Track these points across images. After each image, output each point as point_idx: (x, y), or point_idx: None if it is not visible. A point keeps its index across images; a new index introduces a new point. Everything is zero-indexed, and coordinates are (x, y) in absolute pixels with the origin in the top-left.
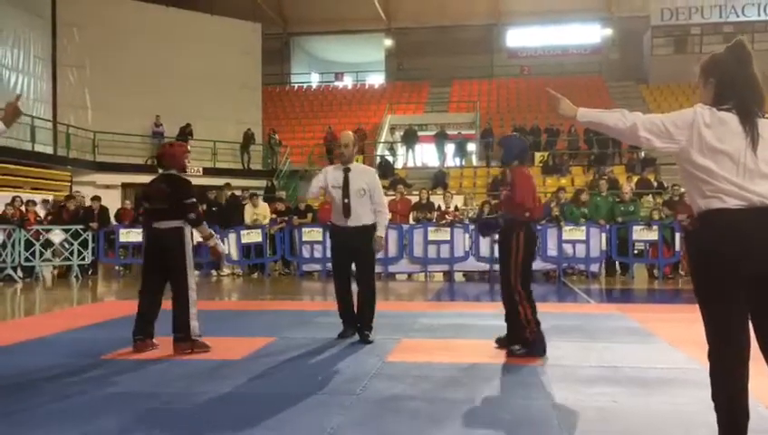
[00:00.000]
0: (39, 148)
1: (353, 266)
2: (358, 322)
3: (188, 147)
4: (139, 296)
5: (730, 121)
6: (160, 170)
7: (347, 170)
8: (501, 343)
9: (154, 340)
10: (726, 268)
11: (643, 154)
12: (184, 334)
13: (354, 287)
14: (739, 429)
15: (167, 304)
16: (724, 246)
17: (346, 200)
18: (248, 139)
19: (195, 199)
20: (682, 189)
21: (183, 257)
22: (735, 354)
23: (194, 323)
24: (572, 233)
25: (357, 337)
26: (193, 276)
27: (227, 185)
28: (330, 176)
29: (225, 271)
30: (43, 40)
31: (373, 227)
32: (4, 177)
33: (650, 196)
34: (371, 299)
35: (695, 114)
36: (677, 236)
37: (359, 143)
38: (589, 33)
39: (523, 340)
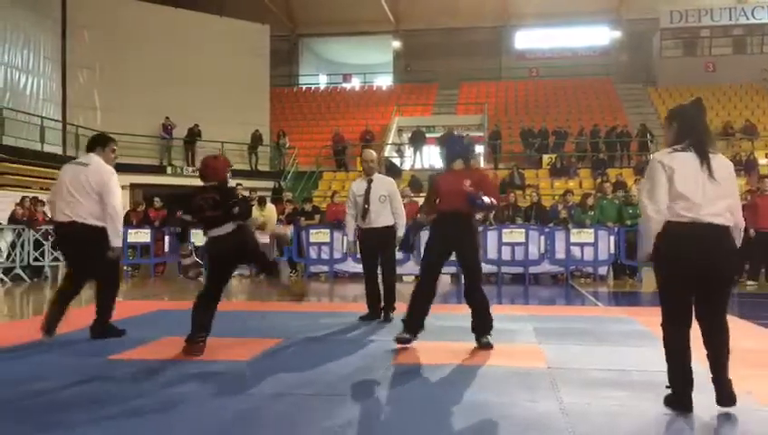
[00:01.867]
0: (48, 148)
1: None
2: (382, 309)
3: (231, 163)
4: (206, 301)
5: (688, 158)
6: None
7: (370, 181)
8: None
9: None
10: (680, 265)
11: (651, 156)
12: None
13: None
14: (688, 376)
15: (180, 304)
16: (680, 249)
17: (366, 206)
18: (256, 140)
19: (237, 199)
20: None
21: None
22: (685, 325)
23: None
24: (580, 236)
25: (366, 331)
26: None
27: (239, 185)
28: (354, 187)
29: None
30: (52, 41)
31: (392, 228)
32: (14, 177)
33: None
34: (392, 287)
35: (660, 167)
36: None
37: (364, 143)
38: (597, 35)
39: (490, 327)
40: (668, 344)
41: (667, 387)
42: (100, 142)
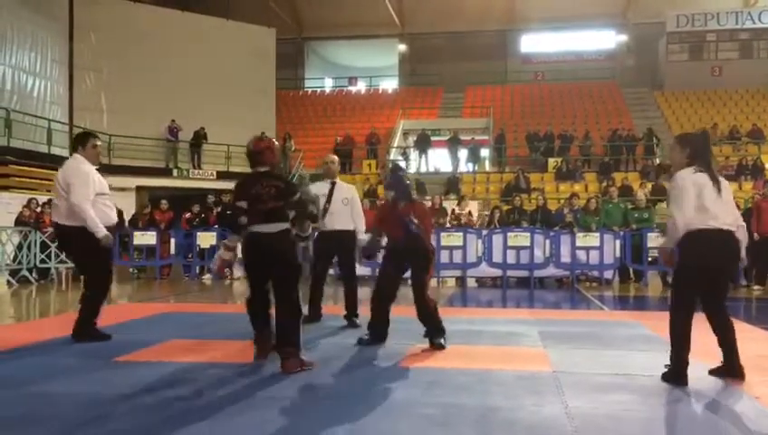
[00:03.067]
0: (55, 150)
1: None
2: (346, 309)
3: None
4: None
5: (702, 178)
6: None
7: (333, 183)
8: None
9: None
10: (705, 263)
11: (658, 160)
12: (294, 350)
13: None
14: (686, 356)
15: (189, 306)
16: (707, 250)
17: (327, 205)
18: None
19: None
20: None
21: (296, 263)
22: (691, 313)
23: (301, 338)
24: (586, 240)
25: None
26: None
27: None
28: (315, 187)
29: (237, 274)
30: (59, 44)
31: (352, 233)
32: (21, 179)
33: (665, 202)
34: (354, 291)
35: (690, 184)
36: None
37: (369, 146)
38: (603, 39)
39: (442, 330)
40: (675, 329)
41: (667, 366)
42: (78, 141)
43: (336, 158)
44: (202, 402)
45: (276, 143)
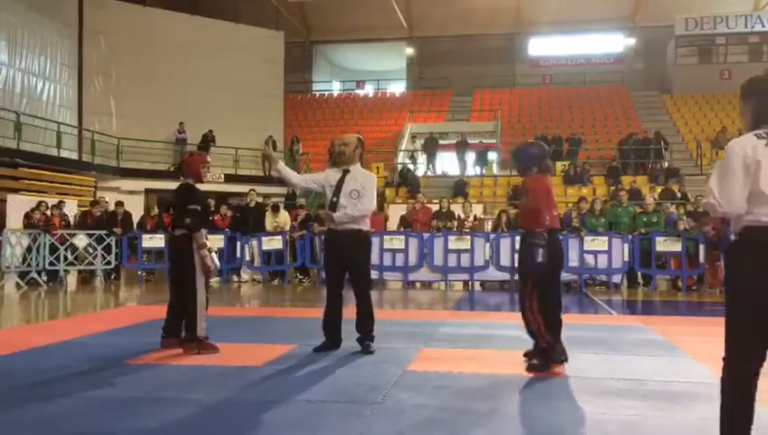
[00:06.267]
0: (64, 153)
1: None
2: (357, 332)
3: (208, 158)
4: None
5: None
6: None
7: (345, 172)
8: (529, 356)
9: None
10: (760, 281)
11: (666, 164)
12: (190, 335)
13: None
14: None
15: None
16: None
17: (335, 199)
18: (270, 146)
19: (197, 207)
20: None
21: (191, 262)
22: (753, 362)
23: (201, 325)
24: (594, 244)
25: (378, 337)
26: (202, 280)
27: (252, 191)
28: (330, 174)
29: (245, 277)
30: (69, 47)
31: (365, 235)
32: (31, 182)
33: (674, 207)
34: (368, 311)
35: (739, 157)
36: (701, 247)
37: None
38: (612, 43)
39: (538, 351)
40: (725, 387)
41: None
42: None
43: (350, 139)
44: (209, 404)
45: (199, 158)
